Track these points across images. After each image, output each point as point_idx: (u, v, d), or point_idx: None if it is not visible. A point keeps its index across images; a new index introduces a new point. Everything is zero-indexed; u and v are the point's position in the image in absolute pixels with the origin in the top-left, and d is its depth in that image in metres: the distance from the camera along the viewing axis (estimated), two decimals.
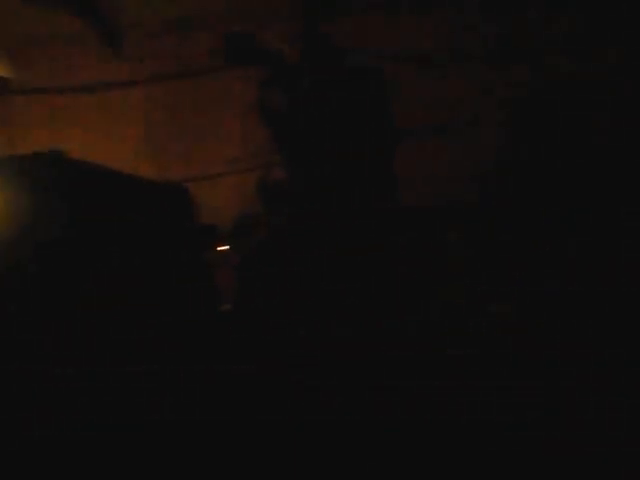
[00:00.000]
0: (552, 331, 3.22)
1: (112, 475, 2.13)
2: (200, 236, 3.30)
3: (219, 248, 3.90)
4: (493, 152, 4.21)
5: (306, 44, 4.02)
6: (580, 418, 2.42)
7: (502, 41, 4.35)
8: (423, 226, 3.91)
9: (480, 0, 4.32)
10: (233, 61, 3.88)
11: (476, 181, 4.14)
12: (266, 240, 3.95)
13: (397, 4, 4.32)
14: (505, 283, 3.69)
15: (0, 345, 2.21)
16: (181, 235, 3.12)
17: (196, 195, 3.32)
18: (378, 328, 3.30)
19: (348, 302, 3.54)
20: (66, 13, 4.13)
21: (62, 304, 2.31)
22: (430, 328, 3.29)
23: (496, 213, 4.06)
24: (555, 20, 4.27)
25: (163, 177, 3.86)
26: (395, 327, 3.29)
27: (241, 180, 4.13)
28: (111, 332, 2.45)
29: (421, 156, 4.16)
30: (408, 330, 3.27)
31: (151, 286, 2.78)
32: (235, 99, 4.23)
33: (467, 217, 4.04)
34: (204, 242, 3.40)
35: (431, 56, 4.35)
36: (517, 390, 2.65)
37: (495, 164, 4.20)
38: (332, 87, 4.00)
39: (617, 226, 3.73)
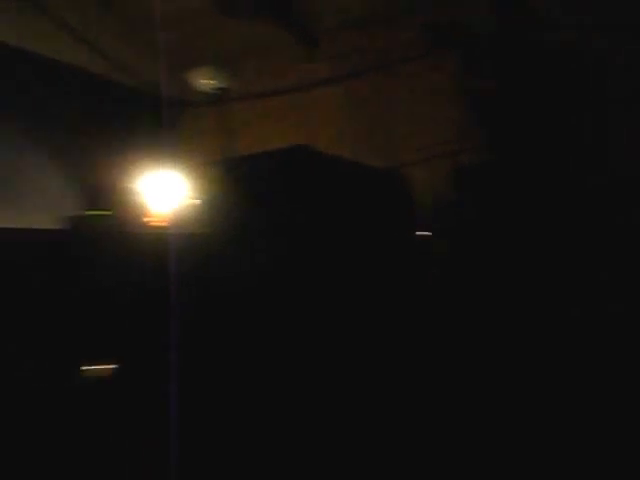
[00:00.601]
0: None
1: None
2: (413, 219, 3.47)
3: (419, 233, 4.03)
4: None
5: (502, 24, 3.99)
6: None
7: None
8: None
9: None
10: (436, 48, 3.97)
11: None
12: (466, 227, 4.00)
13: None
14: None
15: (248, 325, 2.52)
16: (399, 218, 3.31)
17: None
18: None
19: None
20: (266, 22, 4.54)
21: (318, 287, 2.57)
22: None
23: None
24: None
25: None
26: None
27: (434, 167, 4.19)
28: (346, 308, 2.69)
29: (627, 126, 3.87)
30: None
31: (375, 265, 3.00)
32: (428, 88, 4.29)
33: None
34: (414, 225, 3.56)
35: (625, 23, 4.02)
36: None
37: None
38: (530, 64, 3.91)
39: None
